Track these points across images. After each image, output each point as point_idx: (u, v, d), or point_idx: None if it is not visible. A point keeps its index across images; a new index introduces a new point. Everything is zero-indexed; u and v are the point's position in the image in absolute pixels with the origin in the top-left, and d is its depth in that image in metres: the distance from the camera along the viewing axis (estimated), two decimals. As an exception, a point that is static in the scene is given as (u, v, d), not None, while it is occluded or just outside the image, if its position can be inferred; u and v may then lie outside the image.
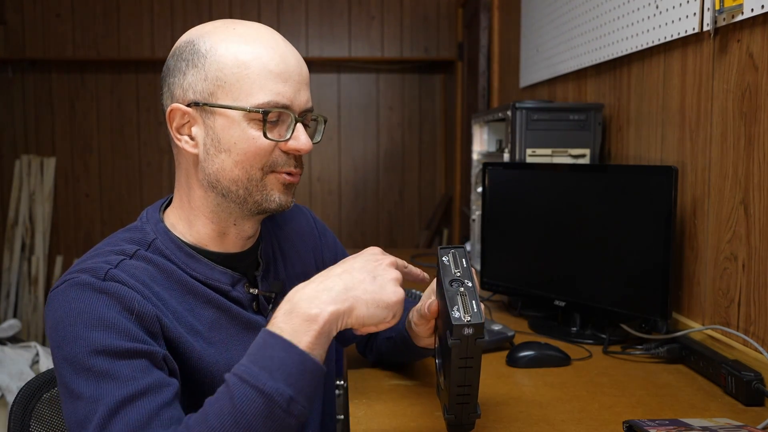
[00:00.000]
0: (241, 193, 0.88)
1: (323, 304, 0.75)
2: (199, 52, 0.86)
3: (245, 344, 0.91)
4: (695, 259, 1.35)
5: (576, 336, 1.45)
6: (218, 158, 0.87)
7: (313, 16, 4.28)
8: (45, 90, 4.28)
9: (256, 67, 0.85)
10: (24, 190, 4.29)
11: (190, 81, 0.86)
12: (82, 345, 0.76)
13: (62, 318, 0.78)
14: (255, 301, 0.95)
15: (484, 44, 3.28)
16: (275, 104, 0.86)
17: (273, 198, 0.89)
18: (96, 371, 0.75)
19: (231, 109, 0.85)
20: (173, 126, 0.89)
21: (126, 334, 0.77)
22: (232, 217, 0.92)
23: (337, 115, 4.37)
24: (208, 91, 0.86)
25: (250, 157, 0.86)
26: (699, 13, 1.29)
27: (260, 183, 0.88)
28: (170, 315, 0.84)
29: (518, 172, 1.66)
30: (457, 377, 0.80)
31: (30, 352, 2.64)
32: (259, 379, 0.70)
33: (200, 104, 0.86)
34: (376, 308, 0.78)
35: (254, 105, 0.85)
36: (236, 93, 0.85)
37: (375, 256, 0.85)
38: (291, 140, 0.88)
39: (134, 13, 4.22)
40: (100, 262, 0.83)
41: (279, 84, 0.86)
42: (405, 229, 4.46)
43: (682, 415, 1.02)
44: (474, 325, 0.77)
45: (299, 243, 1.09)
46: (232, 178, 0.87)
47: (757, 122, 1.14)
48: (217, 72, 0.85)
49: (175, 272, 0.88)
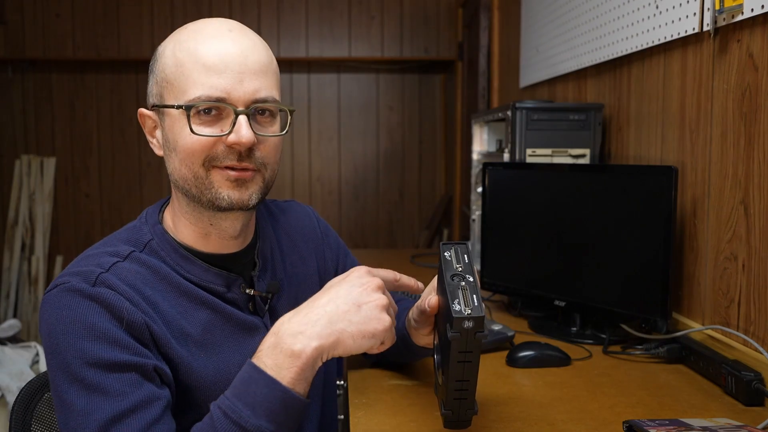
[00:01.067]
0: (193, 192, 0.88)
1: (307, 339, 0.75)
2: (155, 56, 0.90)
3: (239, 345, 0.91)
4: (695, 259, 1.35)
5: (576, 336, 1.45)
6: (171, 158, 0.88)
7: (313, 16, 4.28)
8: (45, 90, 4.28)
9: (189, 62, 0.85)
10: (24, 190, 4.29)
11: (150, 85, 0.90)
12: (73, 355, 0.77)
13: (54, 325, 0.79)
14: (251, 302, 0.94)
15: (484, 44, 3.28)
16: (207, 98, 0.84)
17: (222, 195, 0.87)
18: (87, 383, 0.76)
19: (171, 108, 0.86)
20: (145, 130, 0.93)
21: (117, 344, 0.78)
22: (204, 216, 0.90)
23: (337, 115, 4.37)
24: (159, 94, 0.88)
25: (189, 154, 0.86)
26: (699, 13, 1.29)
27: (206, 180, 0.87)
28: (160, 321, 0.84)
29: (518, 172, 1.66)
30: (456, 372, 0.80)
31: (30, 352, 2.64)
32: (241, 416, 0.73)
33: (155, 106, 0.89)
34: (362, 339, 0.78)
35: (187, 101, 0.84)
36: (176, 91, 0.86)
37: (360, 280, 0.83)
38: (231, 134, 0.85)
39: (134, 13, 4.22)
40: (92, 265, 0.84)
41: (212, 77, 0.84)
42: (405, 229, 4.46)
43: (682, 415, 1.02)
44: (474, 318, 0.77)
45: (301, 242, 1.09)
46: (183, 177, 0.87)
47: (757, 122, 1.14)
48: (162, 73, 0.88)
49: (169, 275, 0.88)
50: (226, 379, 0.87)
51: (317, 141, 4.35)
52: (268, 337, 0.78)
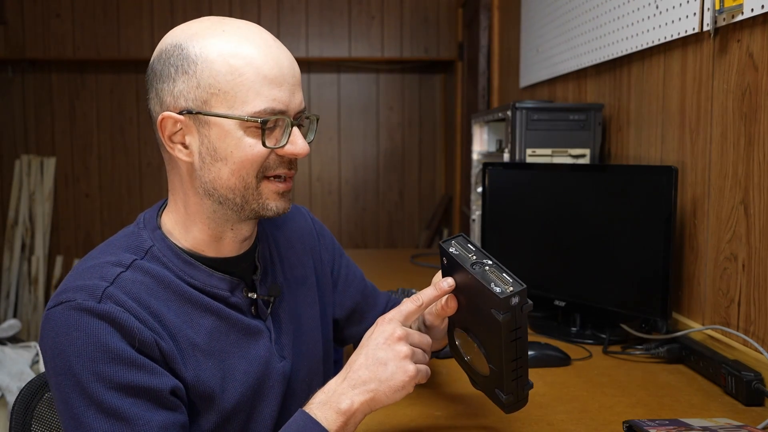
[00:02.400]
0: (238, 201, 0.87)
1: (350, 400, 0.81)
2: (189, 57, 0.83)
3: (244, 351, 0.91)
4: (695, 259, 1.35)
5: (576, 336, 1.45)
6: (214, 167, 0.85)
7: (313, 16, 4.28)
8: (45, 90, 4.28)
9: (250, 73, 0.82)
10: (24, 190, 4.29)
11: (181, 88, 0.83)
12: (90, 378, 0.76)
13: (65, 346, 0.77)
14: (254, 305, 0.94)
15: (484, 44, 3.28)
16: (272, 111, 0.83)
17: (270, 206, 0.88)
18: (105, 407, 0.76)
19: (227, 118, 0.83)
20: (165, 134, 0.86)
21: (133, 365, 0.78)
22: (229, 222, 0.90)
23: (337, 115, 4.37)
24: (201, 99, 0.83)
25: (247, 166, 0.85)
26: (699, 13, 1.29)
27: (256, 191, 0.87)
28: (167, 336, 0.83)
29: (518, 172, 1.66)
30: (510, 353, 0.81)
31: (30, 352, 2.64)
32: None
33: (193, 112, 0.83)
34: (394, 393, 0.83)
35: (250, 113, 0.83)
36: (231, 101, 0.82)
37: (383, 335, 0.85)
38: (288, 145, 0.86)
39: (134, 13, 4.22)
40: (96, 278, 0.82)
41: (274, 89, 0.83)
42: (405, 229, 4.46)
43: (682, 415, 1.02)
44: (518, 292, 0.78)
45: (297, 244, 1.08)
46: (229, 187, 0.86)
47: (757, 122, 1.14)
48: (210, 79, 0.82)
49: (173, 282, 0.87)
50: (232, 386, 0.88)
51: (317, 141, 4.35)
52: (319, 394, 0.83)
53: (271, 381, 0.92)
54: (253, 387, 0.90)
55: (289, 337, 0.97)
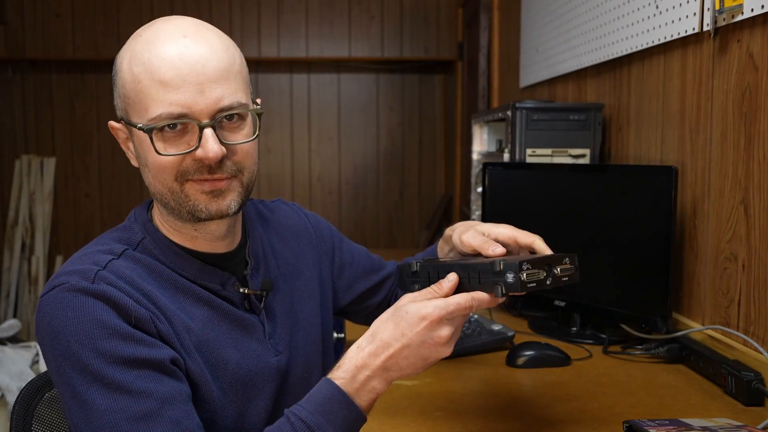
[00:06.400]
0: (172, 205, 0.86)
1: (383, 381, 0.80)
2: (115, 67, 0.86)
3: (238, 343, 0.90)
4: (695, 259, 1.35)
5: (576, 336, 1.45)
6: (145, 172, 0.88)
7: (313, 16, 4.28)
8: (45, 90, 4.28)
9: (146, 79, 0.80)
10: (24, 190, 4.29)
11: (115, 98, 0.87)
12: (89, 355, 0.76)
13: (60, 327, 0.77)
14: (246, 300, 0.94)
15: (484, 44, 3.28)
16: (169, 116, 0.80)
17: (200, 207, 0.85)
18: (108, 382, 0.75)
19: (134, 127, 0.83)
20: (119, 141, 0.90)
21: (132, 339, 0.78)
22: (187, 224, 0.89)
23: (337, 115, 4.37)
24: (123, 109, 0.85)
25: (160, 172, 0.84)
26: (699, 13, 1.29)
27: (182, 194, 0.85)
28: (162, 317, 0.83)
29: (518, 172, 1.66)
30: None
31: (30, 352, 2.64)
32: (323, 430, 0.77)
33: (123, 121, 0.87)
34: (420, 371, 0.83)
35: (147, 120, 0.81)
36: (138, 109, 0.82)
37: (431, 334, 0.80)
38: (198, 149, 0.81)
39: (134, 13, 4.22)
40: (89, 263, 0.82)
41: (170, 93, 0.80)
42: (405, 229, 4.46)
43: (682, 415, 1.03)
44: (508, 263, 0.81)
45: (293, 240, 1.08)
46: (159, 192, 0.86)
47: (757, 122, 1.14)
48: (122, 89, 0.84)
49: (165, 272, 0.87)
50: (224, 376, 0.87)
51: (317, 141, 4.36)
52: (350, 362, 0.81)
53: (265, 376, 0.92)
54: (244, 380, 0.90)
55: (285, 331, 0.97)
